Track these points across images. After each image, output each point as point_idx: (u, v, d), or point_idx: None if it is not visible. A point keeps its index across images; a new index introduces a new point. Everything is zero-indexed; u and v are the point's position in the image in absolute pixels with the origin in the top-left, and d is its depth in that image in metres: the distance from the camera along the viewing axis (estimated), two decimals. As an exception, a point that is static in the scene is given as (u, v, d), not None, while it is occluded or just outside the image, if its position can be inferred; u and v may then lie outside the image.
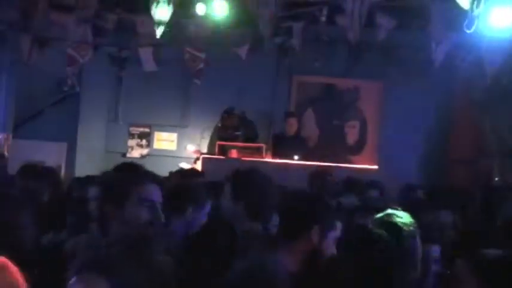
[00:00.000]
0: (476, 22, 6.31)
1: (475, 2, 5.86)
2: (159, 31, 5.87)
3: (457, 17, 6.24)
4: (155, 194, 2.37)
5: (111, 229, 2.31)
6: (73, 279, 1.55)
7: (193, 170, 6.12)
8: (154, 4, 5.72)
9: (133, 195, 2.31)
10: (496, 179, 8.03)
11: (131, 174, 2.78)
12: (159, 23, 5.85)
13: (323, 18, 6.70)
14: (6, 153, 6.77)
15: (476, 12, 6.01)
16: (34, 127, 8.05)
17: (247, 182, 2.80)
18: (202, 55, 7.00)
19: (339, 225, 2.44)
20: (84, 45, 6.91)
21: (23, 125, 7.99)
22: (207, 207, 3.10)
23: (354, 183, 4.75)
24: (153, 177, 2.46)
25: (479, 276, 1.93)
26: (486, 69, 6.63)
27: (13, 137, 7.51)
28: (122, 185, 2.39)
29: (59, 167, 7.60)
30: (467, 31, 6.20)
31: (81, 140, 8.25)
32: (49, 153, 7.69)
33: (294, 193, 2.75)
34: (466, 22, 6.25)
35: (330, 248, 2.34)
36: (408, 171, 8.12)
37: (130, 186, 2.35)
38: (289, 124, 7.72)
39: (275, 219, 2.69)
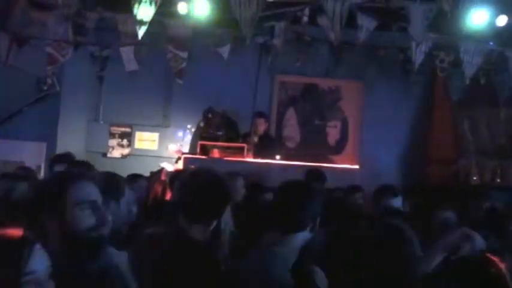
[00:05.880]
0: (455, 23, 6.42)
1: (454, 4, 5.95)
2: (140, 30, 5.84)
3: (437, 18, 6.34)
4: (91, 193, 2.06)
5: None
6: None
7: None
8: (137, 3, 5.69)
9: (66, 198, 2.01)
10: (474, 178, 8.15)
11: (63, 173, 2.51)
12: (141, 22, 5.82)
13: (305, 19, 6.73)
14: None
15: (455, 13, 6.11)
16: (13, 127, 7.94)
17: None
18: (184, 54, 6.98)
19: None
20: (65, 44, 6.84)
21: (2, 124, 7.89)
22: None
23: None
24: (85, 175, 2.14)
25: None
26: (465, 70, 6.73)
27: (-9, 137, 7.42)
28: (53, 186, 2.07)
29: (39, 167, 7.52)
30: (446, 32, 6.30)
31: (61, 140, 8.16)
32: (28, 154, 7.61)
33: None
34: (445, 23, 6.35)
35: None
36: (388, 171, 8.20)
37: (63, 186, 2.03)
38: (259, 124, 7.69)
39: None
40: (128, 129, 8.60)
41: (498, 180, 8.06)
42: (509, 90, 7.54)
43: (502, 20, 6.39)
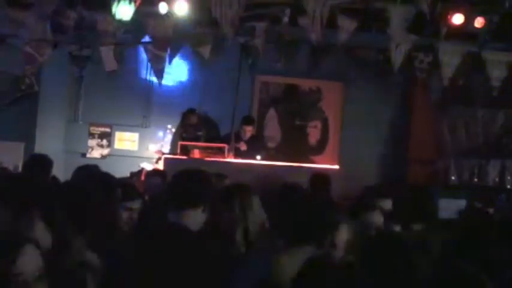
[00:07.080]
0: (433, 25, 6.50)
1: (433, 5, 6.02)
2: (120, 30, 5.81)
3: (416, 20, 6.41)
4: None
5: None
6: None
7: (156, 170, 6.08)
8: (116, 2, 5.66)
9: None
10: (453, 178, 8.26)
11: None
12: (120, 21, 5.79)
13: (286, 19, 6.74)
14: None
15: (434, 15, 6.18)
16: (-10, 127, 7.84)
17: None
18: (164, 54, 6.95)
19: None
20: (43, 43, 6.76)
21: (-21, 124, 7.77)
22: None
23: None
24: None
25: None
26: (443, 71, 6.81)
27: (-32, 137, 7.31)
28: None
29: (16, 167, 7.42)
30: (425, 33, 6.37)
31: (40, 140, 8.06)
32: (6, 154, 7.51)
33: None
34: (424, 25, 6.43)
35: None
36: (368, 171, 8.27)
37: None
38: (247, 131, 7.68)
39: None
40: (107, 129, 8.54)
41: (476, 179, 8.18)
42: (486, 90, 7.64)
43: (479, 22, 6.48)
